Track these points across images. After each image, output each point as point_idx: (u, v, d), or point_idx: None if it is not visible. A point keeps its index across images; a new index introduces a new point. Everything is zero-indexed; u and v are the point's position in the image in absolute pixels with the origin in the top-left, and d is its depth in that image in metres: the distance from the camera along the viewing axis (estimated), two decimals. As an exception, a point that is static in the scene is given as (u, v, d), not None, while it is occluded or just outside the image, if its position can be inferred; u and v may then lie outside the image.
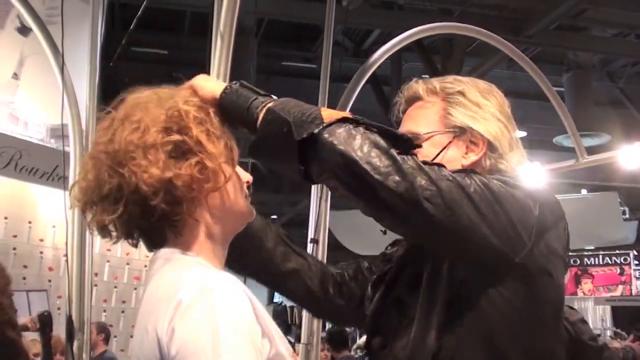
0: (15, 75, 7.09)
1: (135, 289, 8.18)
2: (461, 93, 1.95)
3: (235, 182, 1.61)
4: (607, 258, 14.11)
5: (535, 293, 1.69)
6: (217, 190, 1.54)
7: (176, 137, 1.50)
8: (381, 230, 1.78)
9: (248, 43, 9.11)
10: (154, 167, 1.47)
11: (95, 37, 3.81)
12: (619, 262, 14.05)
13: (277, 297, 20.12)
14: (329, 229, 4.49)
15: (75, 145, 3.66)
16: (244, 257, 1.99)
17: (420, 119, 1.98)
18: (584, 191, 14.89)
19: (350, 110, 4.60)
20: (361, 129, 1.60)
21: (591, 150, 5.84)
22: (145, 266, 8.54)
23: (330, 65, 4.42)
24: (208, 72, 2.72)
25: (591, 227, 12.66)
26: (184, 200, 1.50)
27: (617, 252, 14.03)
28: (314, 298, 2.12)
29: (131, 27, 9.39)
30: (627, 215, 16.06)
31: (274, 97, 1.65)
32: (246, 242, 1.95)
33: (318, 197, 4.26)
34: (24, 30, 6.90)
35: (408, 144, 1.66)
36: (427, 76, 11.12)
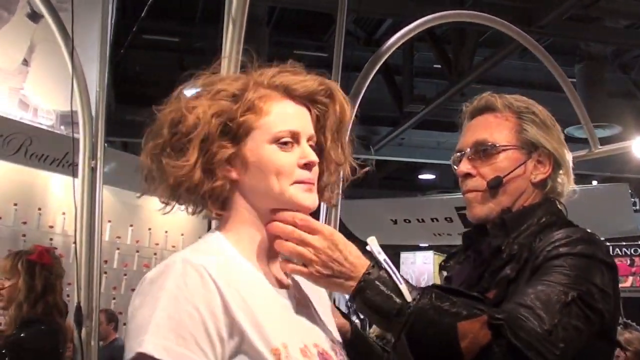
0: (26, 62, 7.08)
1: (145, 276, 8.20)
2: (533, 112, 2.06)
3: (270, 163, 1.56)
4: (617, 249, 14.06)
5: None
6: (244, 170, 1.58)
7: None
8: (391, 220, 1.82)
9: (260, 32, 9.08)
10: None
11: (106, 23, 3.81)
12: (629, 253, 14.02)
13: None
14: (340, 218, 4.48)
15: (85, 132, 3.65)
16: None
17: (495, 130, 2.04)
18: (594, 182, 14.82)
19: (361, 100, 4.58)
20: None
21: (603, 141, 5.80)
22: (155, 254, 8.57)
23: (342, 54, 4.40)
24: (219, 59, 2.71)
25: (601, 219, 12.59)
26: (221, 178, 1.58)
27: (628, 243, 13.99)
28: None
29: (142, 14, 9.39)
30: (638, 207, 15.99)
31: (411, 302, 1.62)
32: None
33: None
34: (34, 16, 6.89)
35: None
36: (439, 66, 11.11)
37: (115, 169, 7.19)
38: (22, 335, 4.01)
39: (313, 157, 1.58)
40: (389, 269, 1.64)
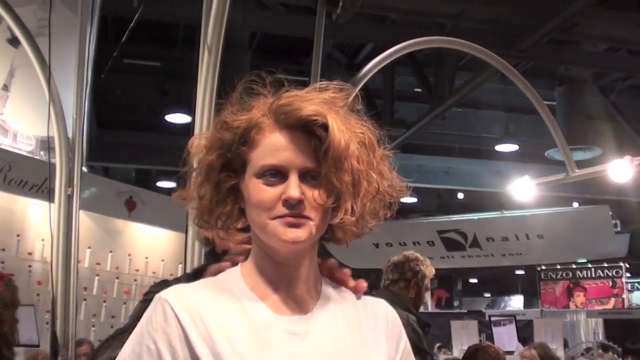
0: (5, 87, 7.05)
1: (125, 303, 8.10)
2: None
3: (252, 196, 1.52)
4: (599, 271, 14.13)
5: None
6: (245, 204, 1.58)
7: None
8: (373, 244, 1.83)
9: (241, 56, 9.09)
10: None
11: (83, 48, 3.79)
12: (611, 275, 14.07)
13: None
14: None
15: (62, 157, 3.61)
16: None
17: None
18: (575, 204, 14.90)
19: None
20: None
21: (583, 164, 5.83)
22: (135, 280, 8.50)
23: (322, 78, 4.40)
24: (196, 85, 2.71)
25: (583, 240, 12.68)
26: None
27: (609, 265, 14.05)
28: None
29: (123, 39, 9.39)
30: (619, 229, 16.07)
31: None
32: None
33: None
34: (14, 41, 6.86)
35: None
36: (420, 90, 11.15)
37: (96, 194, 7.16)
38: None
39: (293, 193, 1.49)
40: None
